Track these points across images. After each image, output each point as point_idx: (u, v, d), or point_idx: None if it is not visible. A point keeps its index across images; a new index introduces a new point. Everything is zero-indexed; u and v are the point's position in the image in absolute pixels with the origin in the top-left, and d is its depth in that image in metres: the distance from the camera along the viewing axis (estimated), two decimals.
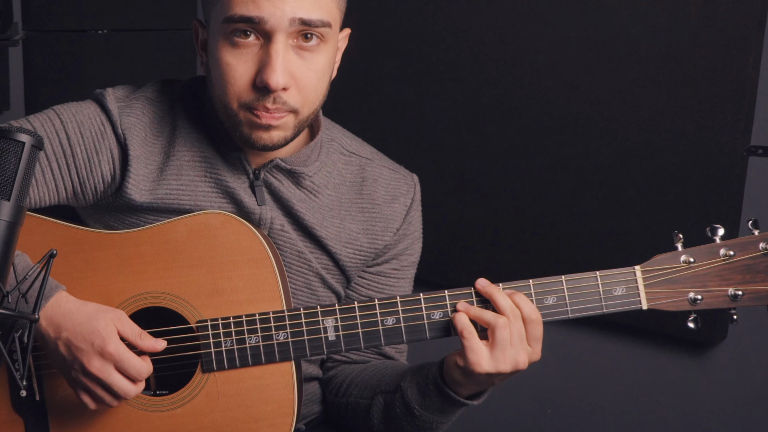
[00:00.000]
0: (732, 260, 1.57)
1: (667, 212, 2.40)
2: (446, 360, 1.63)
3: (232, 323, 1.63)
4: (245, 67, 1.58)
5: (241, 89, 1.59)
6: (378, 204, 1.81)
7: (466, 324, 1.56)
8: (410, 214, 1.84)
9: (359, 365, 1.87)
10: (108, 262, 1.67)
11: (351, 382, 1.84)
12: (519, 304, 1.55)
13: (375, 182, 1.82)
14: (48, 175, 1.66)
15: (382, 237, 1.81)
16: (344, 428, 1.90)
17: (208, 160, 1.70)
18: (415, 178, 1.87)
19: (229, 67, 1.58)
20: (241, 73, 1.58)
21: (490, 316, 1.55)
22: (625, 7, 2.40)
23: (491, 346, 1.54)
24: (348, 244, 1.79)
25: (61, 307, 1.57)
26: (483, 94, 2.65)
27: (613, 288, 1.58)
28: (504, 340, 1.53)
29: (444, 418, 1.69)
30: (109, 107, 1.68)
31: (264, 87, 1.56)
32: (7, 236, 1.25)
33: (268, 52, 1.56)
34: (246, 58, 1.58)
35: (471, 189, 2.71)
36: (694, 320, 1.59)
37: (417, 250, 1.89)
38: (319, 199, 1.76)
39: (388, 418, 1.74)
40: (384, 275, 1.86)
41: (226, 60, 1.59)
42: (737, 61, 2.26)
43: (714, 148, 2.31)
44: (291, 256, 1.75)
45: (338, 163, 1.80)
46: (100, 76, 3.13)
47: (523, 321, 1.55)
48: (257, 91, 1.58)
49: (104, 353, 1.54)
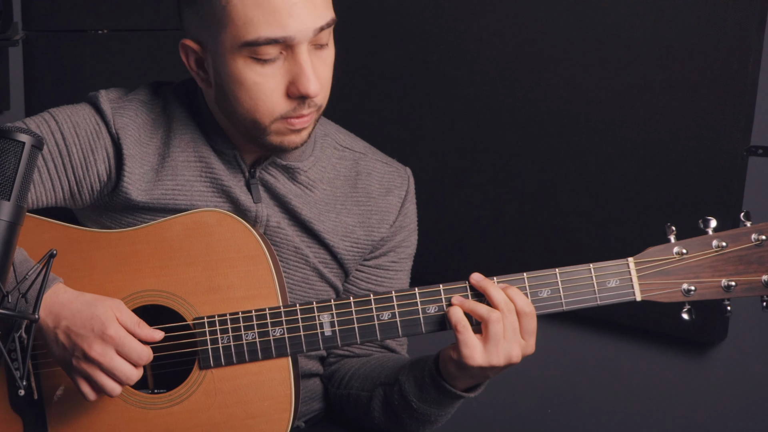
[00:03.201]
0: (724, 251, 1.58)
1: (666, 212, 2.39)
2: (441, 353, 1.64)
3: (228, 320, 1.64)
4: (275, 81, 1.59)
5: (274, 103, 1.60)
6: (373, 197, 1.82)
7: (460, 318, 1.57)
8: (405, 206, 1.86)
9: (361, 358, 1.89)
10: (105, 260, 1.67)
11: (353, 375, 1.85)
12: (513, 298, 1.56)
13: (369, 176, 1.83)
14: (45, 176, 1.67)
15: (378, 230, 1.82)
16: (346, 421, 1.91)
17: (203, 159, 1.71)
18: (408, 171, 1.89)
19: (258, 85, 1.59)
20: (272, 88, 1.59)
21: (483, 310, 1.56)
22: (625, 7, 2.40)
23: (485, 340, 1.56)
24: (345, 237, 1.79)
25: (59, 296, 1.58)
26: (479, 92, 2.65)
27: (606, 280, 1.60)
28: (497, 333, 1.55)
29: (442, 410, 1.70)
30: (103, 108, 1.69)
31: (301, 96, 1.58)
32: (7, 236, 1.25)
33: (297, 63, 1.57)
34: (273, 72, 1.58)
35: (465, 184, 2.70)
36: (688, 311, 1.60)
37: (413, 242, 1.91)
38: (315, 193, 1.77)
39: (388, 410, 1.76)
40: (382, 268, 1.87)
41: (253, 79, 1.58)
42: (737, 61, 2.25)
43: (714, 148, 2.31)
44: (288, 252, 1.76)
45: (332, 158, 1.81)
46: (100, 76, 3.13)
47: (517, 314, 1.56)
48: (293, 101, 1.60)
49: (105, 337, 1.55)
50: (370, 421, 1.81)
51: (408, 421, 1.73)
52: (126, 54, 3.15)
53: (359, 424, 1.88)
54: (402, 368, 1.73)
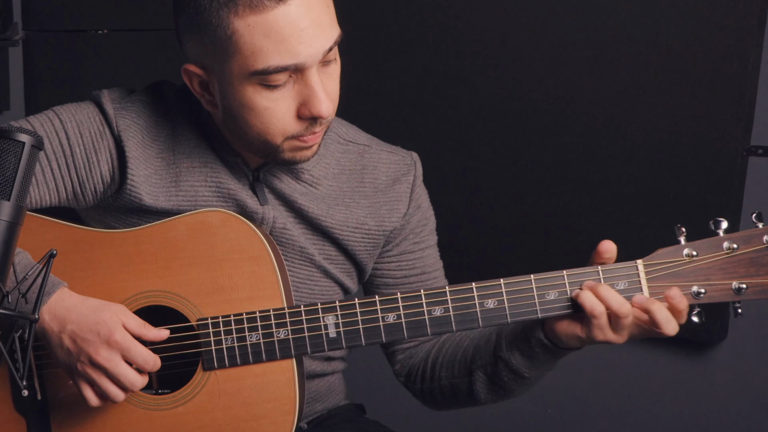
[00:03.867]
0: (735, 253, 1.55)
1: (667, 213, 2.40)
2: (557, 328, 1.63)
3: (232, 321, 1.63)
4: (286, 104, 1.57)
5: (286, 125, 1.59)
6: (381, 189, 1.82)
7: (595, 304, 1.56)
8: (415, 191, 1.85)
9: (424, 347, 1.89)
10: (108, 261, 1.67)
11: (433, 367, 1.85)
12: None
13: (375, 168, 1.83)
14: (48, 175, 1.66)
15: (389, 219, 1.82)
16: (347, 421, 1.92)
17: (207, 165, 1.71)
18: (414, 156, 1.88)
19: (269, 110, 1.57)
20: (283, 111, 1.58)
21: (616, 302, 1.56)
22: (625, 7, 2.40)
23: (615, 327, 1.57)
24: (356, 229, 1.79)
25: (64, 301, 1.58)
26: (483, 94, 2.65)
27: (615, 282, 1.58)
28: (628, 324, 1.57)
29: (550, 369, 1.74)
30: (106, 108, 1.68)
31: (313, 117, 1.57)
32: (7, 236, 1.25)
33: (307, 85, 1.56)
34: (284, 95, 1.57)
35: (472, 187, 2.71)
36: (698, 314, 1.58)
37: (431, 219, 1.90)
38: (319, 190, 1.77)
39: (496, 387, 1.76)
40: (408, 252, 1.87)
41: (263, 105, 1.57)
42: (737, 61, 2.26)
43: (714, 148, 2.32)
44: (293, 253, 1.76)
45: (336, 153, 1.81)
46: (100, 76, 3.13)
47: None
48: (304, 122, 1.59)
49: (111, 342, 1.55)
50: (475, 401, 1.82)
51: (519, 390, 1.76)
52: (126, 54, 3.15)
53: (460, 407, 1.89)
54: (496, 347, 1.73)
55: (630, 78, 2.42)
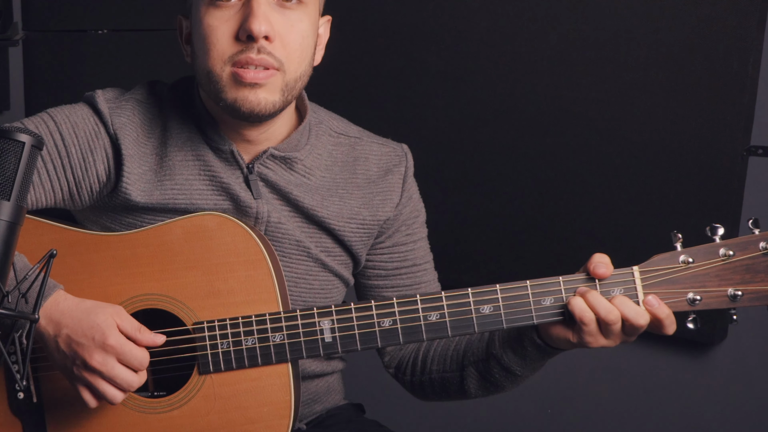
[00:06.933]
0: (731, 260, 1.55)
1: (667, 212, 2.39)
2: (551, 331, 1.64)
3: (228, 325, 1.63)
4: (227, 25, 1.62)
5: (224, 46, 1.62)
6: (373, 180, 1.83)
7: (584, 310, 1.57)
8: (407, 182, 1.87)
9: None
10: (105, 264, 1.67)
11: (424, 360, 1.88)
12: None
13: (367, 160, 1.84)
14: (44, 176, 1.66)
15: (382, 209, 1.83)
16: (347, 421, 1.92)
17: (201, 157, 1.71)
18: (404, 148, 1.90)
19: (211, 28, 1.62)
20: (224, 31, 1.62)
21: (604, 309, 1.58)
22: (625, 7, 2.39)
23: (605, 333, 1.60)
24: (351, 219, 1.80)
25: (59, 304, 1.58)
26: (482, 94, 2.64)
27: (610, 289, 1.58)
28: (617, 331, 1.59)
29: (542, 366, 1.76)
30: (100, 108, 1.69)
31: (248, 36, 1.59)
32: (7, 236, 1.25)
33: (249, 6, 1.60)
34: (228, 17, 1.62)
35: (470, 189, 2.70)
36: (693, 321, 1.58)
37: (422, 211, 1.92)
38: (311, 180, 1.77)
39: (486, 383, 1.79)
40: (400, 244, 1.88)
41: (208, 23, 1.62)
42: (737, 61, 2.25)
43: (714, 148, 2.31)
44: (289, 247, 1.76)
45: (328, 145, 1.82)
46: (100, 76, 3.13)
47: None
48: (241, 44, 1.61)
49: (105, 346, 1.55)
50: (465, 395, 1.85)
51: (509, 386, 1.78)
52: (126, 54, 3.15)
53: (449, 400, 1.93)
54: (489, 344, 1.75)
55: (630, 78, 2.41)
